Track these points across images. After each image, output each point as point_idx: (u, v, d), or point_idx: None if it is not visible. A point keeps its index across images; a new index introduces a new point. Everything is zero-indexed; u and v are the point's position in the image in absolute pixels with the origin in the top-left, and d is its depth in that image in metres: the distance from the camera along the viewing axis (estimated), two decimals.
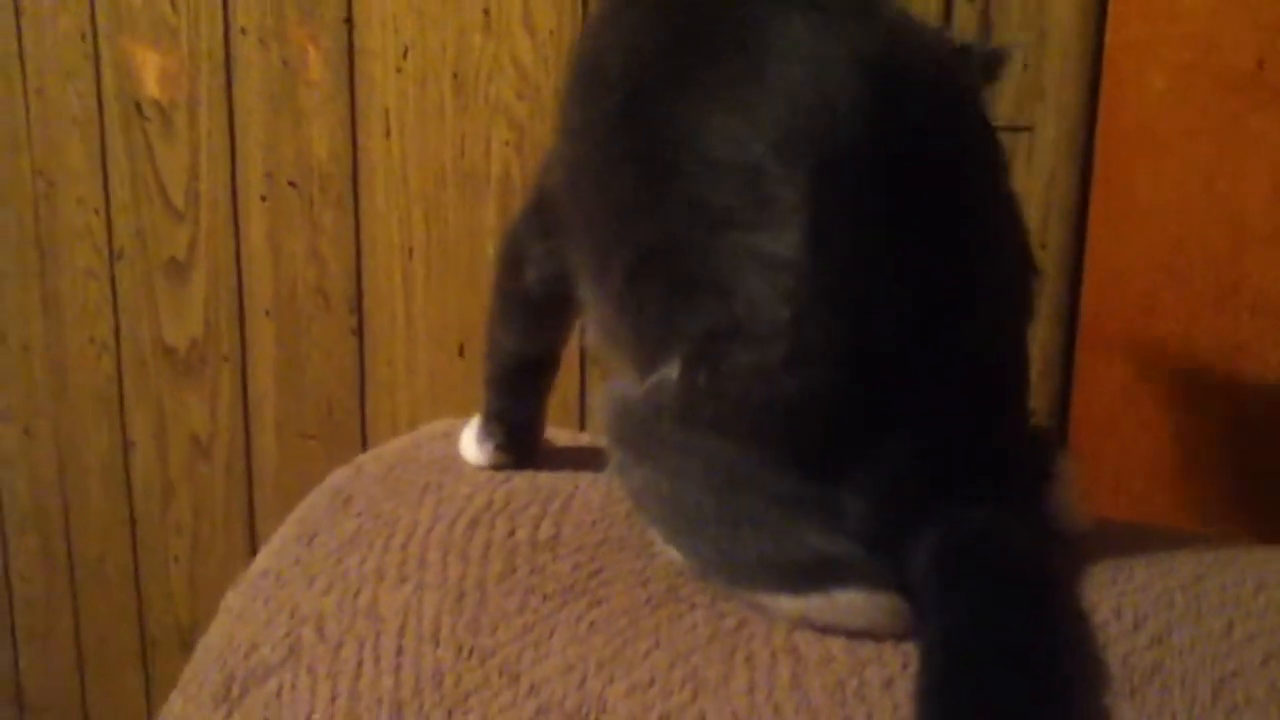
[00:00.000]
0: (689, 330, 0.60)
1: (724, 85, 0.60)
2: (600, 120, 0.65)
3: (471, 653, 0.63)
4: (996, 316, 0.62)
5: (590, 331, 0.71)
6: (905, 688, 0.57)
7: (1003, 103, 0.89)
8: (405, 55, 1.12)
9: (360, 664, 0.63)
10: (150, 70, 1.25)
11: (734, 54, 0.60)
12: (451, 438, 0.82)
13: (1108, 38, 0.86)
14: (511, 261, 0.76)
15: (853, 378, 0.58)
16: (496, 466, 0.78)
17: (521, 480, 0.77)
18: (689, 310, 0.60)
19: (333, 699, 0.62)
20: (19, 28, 1.31)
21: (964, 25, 0.90)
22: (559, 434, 0.84)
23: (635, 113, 0.63)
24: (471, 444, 0.79)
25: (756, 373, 0.58)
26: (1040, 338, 0.91)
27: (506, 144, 1.10)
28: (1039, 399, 0.91)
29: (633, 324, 0.64)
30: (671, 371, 0.61)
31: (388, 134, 1.15)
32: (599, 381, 1.09)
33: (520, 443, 0.79)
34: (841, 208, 0.57)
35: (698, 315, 0.60)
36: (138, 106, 1.27)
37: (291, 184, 1.21)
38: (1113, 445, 0.92)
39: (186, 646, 0.71)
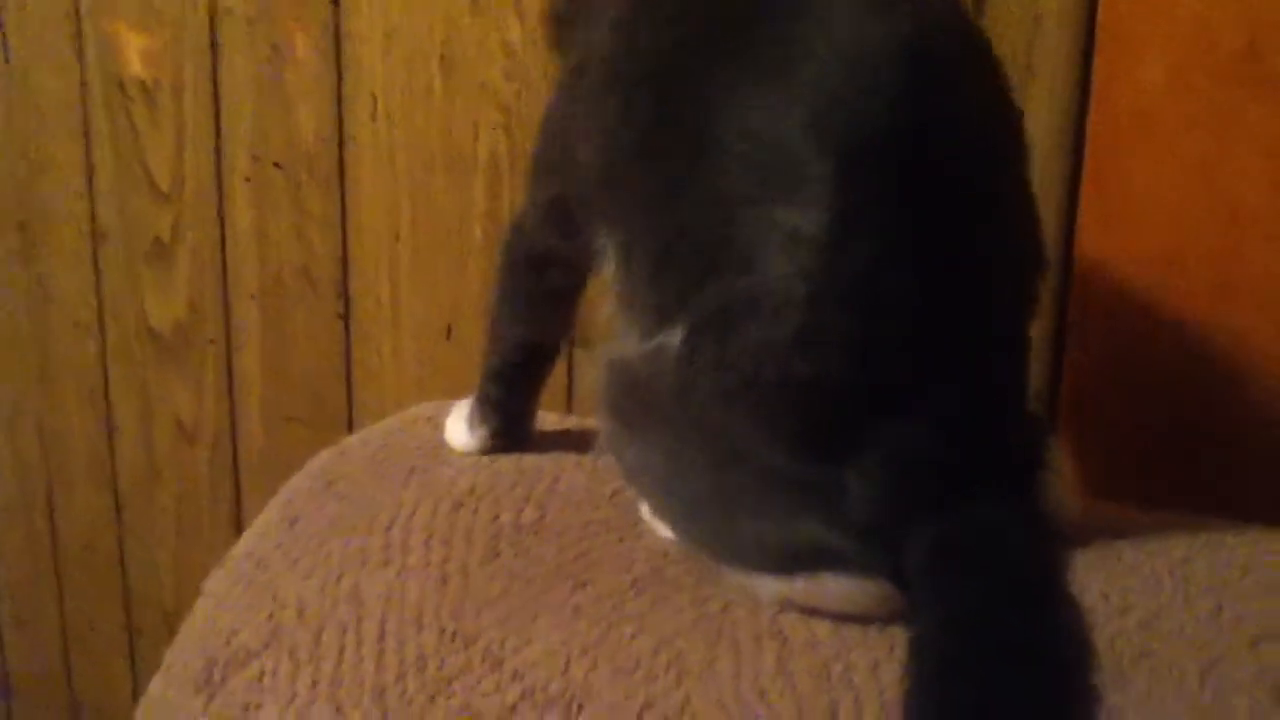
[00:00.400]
0: (698, 299, 0.60)
1: (763, 64, 0.59)
2: (640, 108, 0.64)
3: (454, 637, 0.62)
4: (1006, 309, 0.62)
5: (611, 301, 0.70)
6: (891, 672, 0.57)
7: None
8: (392, 37, 1.11)
9: (342, 649, 0.63)
10: (134, 51, 1.24)
11: (773, 34, 0.59)
12: (436, 421, 0.81)
13: (1100, 25, 0.86)
14: (531, 263, 0.76)
15: (863, 360, 0.57)
16: (486, 452, 0.78)
17: (506, 463, 0.76)
18: (703, 280, 0.60)
19: (314, 684, 0.61)
20: (1, 7, 1.30)
21: None
22: (545, 416, 0.83)
23: (676, 98, 0.62)
24: (461, 430, 0.79)
25: (766, 349, 0.57)
26: None
27: (495, 127, 1.09)
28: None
29: (657, 295, 0.63)
30: (673, 338, 0.61)
31: (375, 116, 1.14)
32: (587, 365, 1.08)
33: (515, 429, 0.78)
34: (870, 190, 0.57)
35: (711, 286, 0.59)
36: (121, 87, 1.26)
37: (277, 166, 1.20)
38: (1102, 434, 0.91)
39: (173, 631, 0.71)
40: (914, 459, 0.58)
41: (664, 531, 0.68)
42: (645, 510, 0.69)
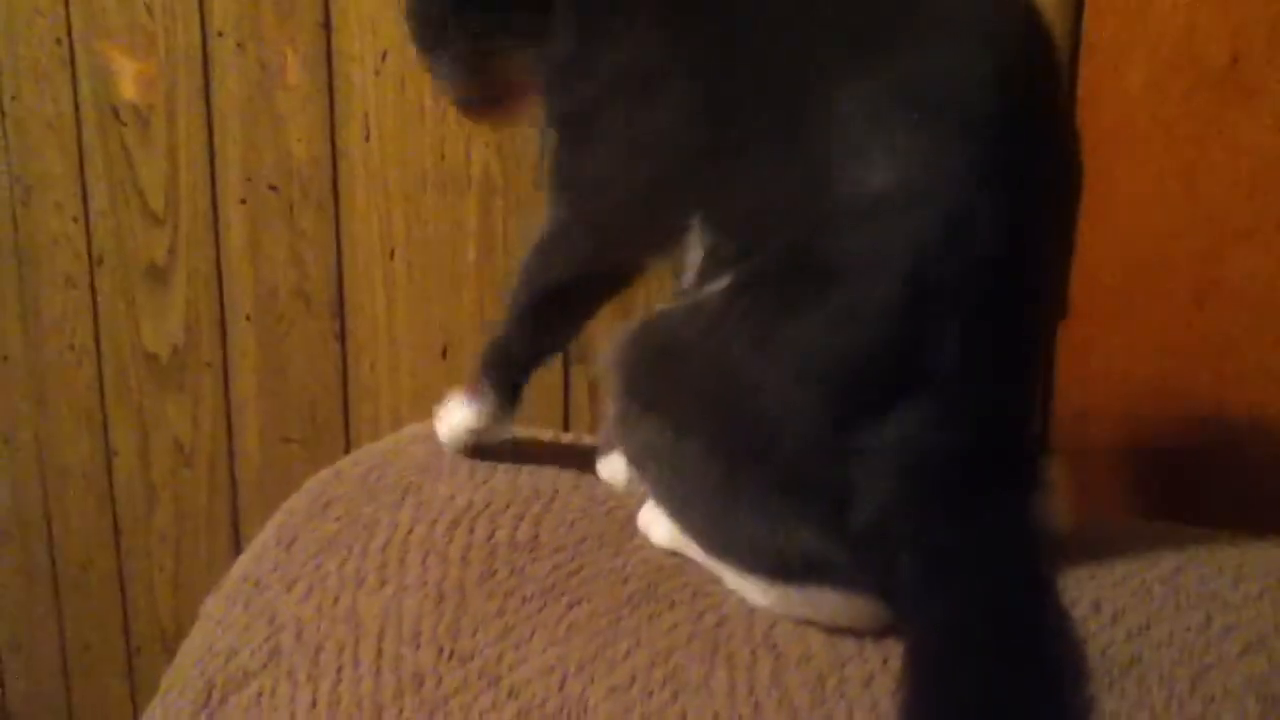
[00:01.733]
0: (758, 254, 0.60)
1: (872, 62, 0.59)
2: (743, 109, 0.63)
3: (452, 655, 0.62)
4: (1030, 332, 0.63)
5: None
6: (885, 684, 0.57)
7: None
8: (384, 58, 1.12)
9: (340, 668, 0.63)
10: (127, 75, 1.25)
11: (869, 12, 0.60)
12: (432, 440, 0.82)
13: (1084, 35, 0.87)
14: (573, 283, 0.75)
15: (907, 338, 0.58)
16: (483, 431, 0.78)
17: (501, 482, 0.77)
18: (764, 239, 0.60)
19: (313, 704, 0.62)
20: None
21: None
22: (540, 433, 0.84)
23: (773, 77, 0.62)
24: (459, 411, 0.78)
25: (823, 315, 0.58)
26: None
27: (486, 145, 1.10)
28: None
29: (716, 256, 0.63)
30: (718, 287, 0.61)
31: (367, 137, 1.15)
32: (583, 379, 1.09)
33: (511, 407, 0.78)
34: (947, 172, 0.57)
35: (772, 243, 0.60)
36: (115, 111, 1.26)
37: (271, 188, 1.20)
38: (1092, 442, 0.92)
39: (171, 653, 0.71)
40: (923, 463, 0.58)
41: (659, 534, 0.68)
42: (643, 513, 0.70)
